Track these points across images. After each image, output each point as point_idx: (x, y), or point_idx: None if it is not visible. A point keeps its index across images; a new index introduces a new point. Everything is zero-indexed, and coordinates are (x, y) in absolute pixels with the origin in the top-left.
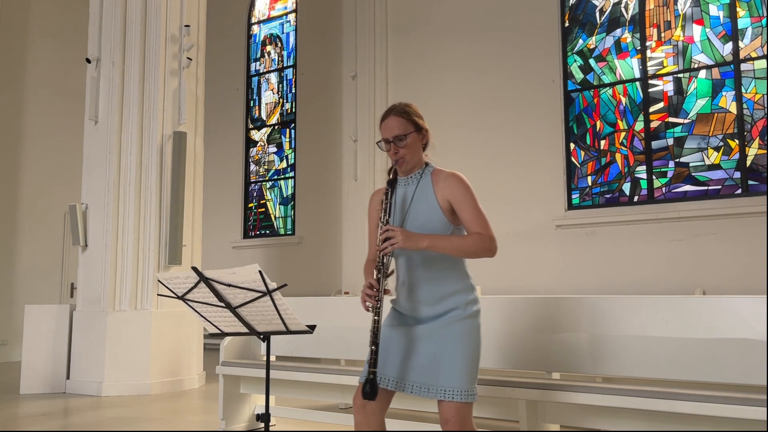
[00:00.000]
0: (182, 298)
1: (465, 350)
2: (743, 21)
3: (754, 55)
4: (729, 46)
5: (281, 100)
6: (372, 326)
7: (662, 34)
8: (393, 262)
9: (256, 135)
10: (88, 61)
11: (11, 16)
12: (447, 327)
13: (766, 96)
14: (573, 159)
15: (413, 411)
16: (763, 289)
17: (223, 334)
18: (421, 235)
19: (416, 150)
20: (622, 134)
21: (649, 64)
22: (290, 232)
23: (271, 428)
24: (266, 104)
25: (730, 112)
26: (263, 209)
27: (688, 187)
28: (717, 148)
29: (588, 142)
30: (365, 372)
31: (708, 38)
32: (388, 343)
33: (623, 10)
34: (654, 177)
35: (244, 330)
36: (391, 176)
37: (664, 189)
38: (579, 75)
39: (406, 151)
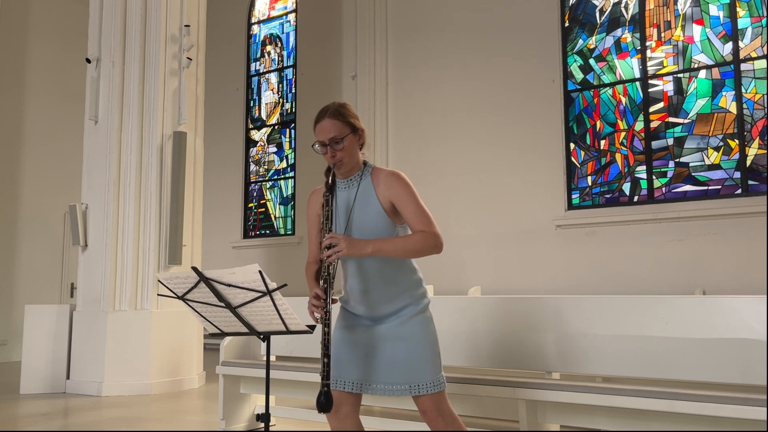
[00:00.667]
0: (182, 298)
1: (425, 344)
2: (743, 21)
3: (754, 55)
4: (729, 46)
5: (281, 100)
6: (322, 338)
7: (662, 34)
8: (338, 267)
9: (256, 135)
10: (88, 61)
11: (11, 16)
12: (403, 325)
13: (766, 96)
14: (573, 159)
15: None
16: (763, 289)
17: (223, 334)
18: (364, 241)
19: (353, 151)
20: (622, 134)
21: (649, 64)
22: (290, 232)
23: (271, 428)
24: (266, 104)
25: (730, 112)
26: (263, 209)
27: (688, 187)
28: (717, 148)
29: (588, 142)
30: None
31: (708, 38)
32: (343, 346)
33: (623, 10)
34: (654, 177)
35: (244, 330)
36: (329, 180)
37: (664, 189)
38: (579, 75)
39: (343, 153)
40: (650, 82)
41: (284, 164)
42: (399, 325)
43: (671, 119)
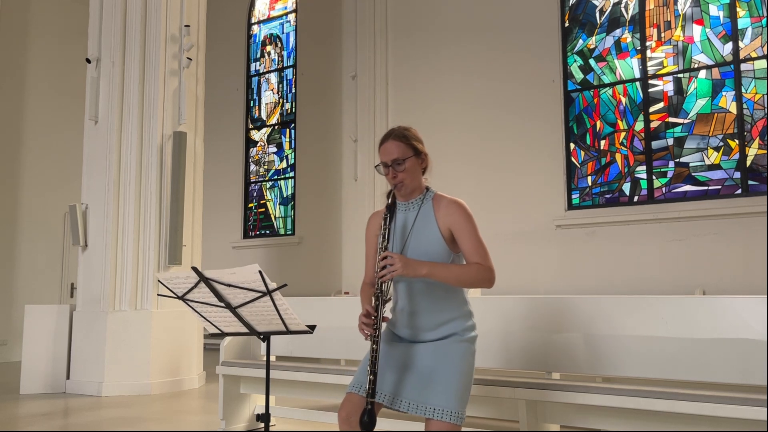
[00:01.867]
0: (182, 298)
1: (458, 372)
2: (743, 21)
3: (754, 55)
4: (729, 46)
5: (281, 100)
6: (370, 355)
7: (662, 34)
8: (391, 287)
9: (256, 135)
10: (88, 61)
11: (11, 16)
12: (443, 347)
13: (766, 96)
14: (573, 159)
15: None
16: (763, 289)
17: (223, 334)
18: (420, 263)
19: (415, 174)
20: (622, 134)
21: (649, 64)
22: (290, 232)
23: (271, 428)
24: (266, 104)
25: (730, 112)
26: (263, 209)
27: (688, 187)
28: (717, 148)
29: (588, 142)
30: (355, 383)
31: (708, 38)
32: (383, 359)
33: (623, 10)
34: (654, 177)
35: (244, 330)
36: (389, 201)
37: (664, 189)
38: (579, 75)
39: (404, 175)
40: (650, 82)
41: (284, 164)
42: (439, 347)
43: (671, 119)
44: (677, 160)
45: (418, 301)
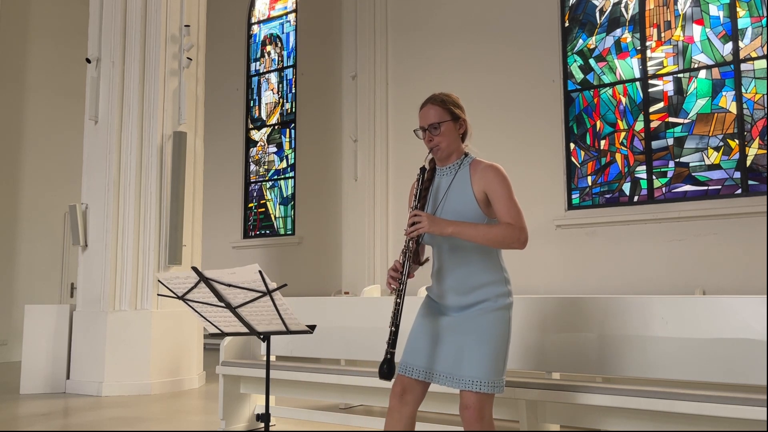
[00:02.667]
0: (182, 298)
1: (490, 341)
2: (743, 21)
3: (754, 55)
4: (729, 46)
5: (281, 100)
6: (393, 308)
7: (662, 34)
8: (429, 251)
9: (256, 135)
10: (88, 61)
11: (11, 16)
12: (475, 318)
13: (766, 96)
14: (573, 159)
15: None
16: (763, 289)
17: (223, 334)
18: (447, 221)
19: (452, 139)
20: (622, 134)
21: (649, 64)
22: (290, 232)
23: (271, 428)
24: (266, 104)
25: (730, 112)
26: (263, 209)
27: (688, 187)
28: (717, 148)
29: (588, 142)
30: (402, 364)
31: (708, 38)
32: (418, 333)
33: (623, 10)
34: (654, 177)
35: (244, 330)
36: (428, 164)
37: (664, 189)
38: (579, 75)
39: (440, 139)
40: (650, 82)
41: (284, 164)
42: (471, 318)
43: (671, 119)
44: (677, 160)
45: (446, 261)
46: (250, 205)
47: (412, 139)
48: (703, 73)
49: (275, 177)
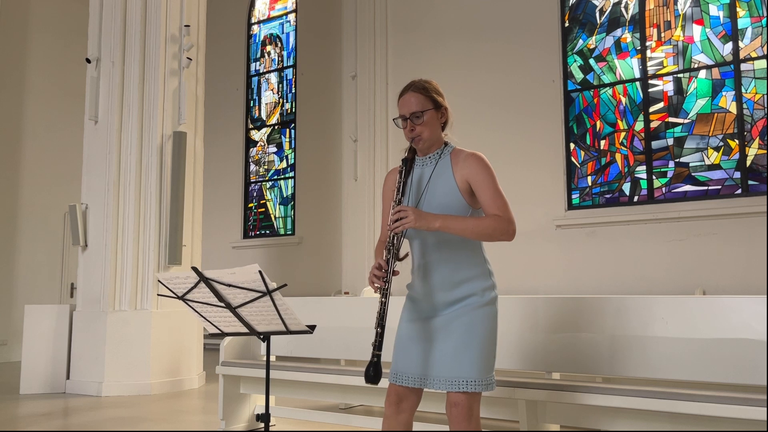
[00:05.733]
0: (182, 298)
1: (480, 340)
2: (743, 21)
3: (754, 55)
4: (729, 46)
5: (281, 100)
6: (379, 308)
7: (662, 34)
8: (408, 246)
9: (256, 135)
10: (88, 61)
11: (11, 16)
12: (463, 317)
13: (766, 96)
14: (573, 159)
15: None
16: (763, 289)
17: (223, 334)
18: (434, 215)
19: (434, 128)
20: (622, 134)
21: (649, 64)
22: (290, 232)
23: (271, 428)
24: (266, 104)
25: (730, 112)
26: (263, 209)
27: (688, 187)
28: (717, 148)
29: (588, 142)
30: (392, 373)
31: (708, 38)
32: (407, 340)
33: (623, 10)
34: (654, 177)
35: (244, 330)
36: (407, 154)
37: (664, 189)
38: (579, 75)
39: (422, 128)
40: (650, 82)
41: (284, 164)
42: (458, 316)
43: (671, 119)
44: (677, 160)
45: (431, 256)
46: (250, 205)
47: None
48: (703, 73)
49: (275, 177)
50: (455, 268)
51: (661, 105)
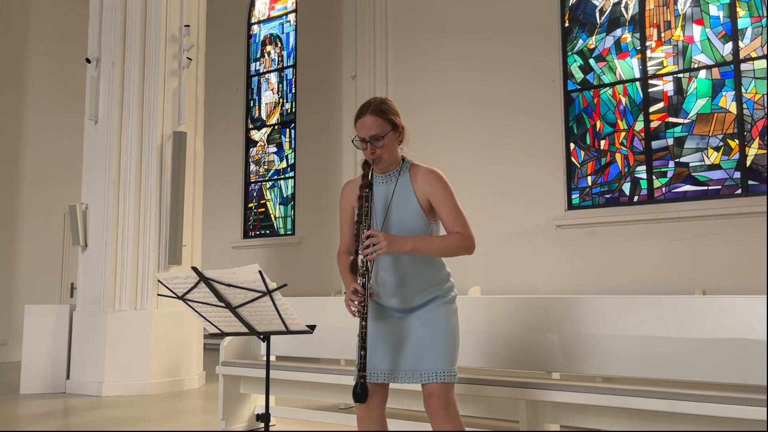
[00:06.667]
0: (182, 298)
1: (446, 334)
2: (743, 21)
3: (754, 55)
4: (729, 46)
5: (281, 100)
6: (360, 331)
7: (662, 34)
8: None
9: (256, 135)
10: (88, 61)
11: (11, 16)
12: (429, 313)
13: (766, 96)
14: (573, 159)
15: (411, 411)
16: (763, 289)
17: (223, 334)
18: (404, 239)
19: (393, 149)
20: (622, 134)
21: (649, 64)
22: (290, 232)
23: (271, 428)
24: (266, 104)
25: (730, 112)
26: (263, 209)
27: (688, 187)
28: (717, 148)
29: (588, 142)
30: (356, 375)
31: (708, 38)
32: (375, 337)
33: (623, 10)
34: (654, 177)
35: (244, 330)
36: (369, 176)
37: (664, 189)
38: (579, 75)
39: (383, 150)
40: (650, 82)
41: (284, 164)
42: (425, 313)
43: (671, 119)
44: (677, 160)
45: (404, 272)
46: (250, 205)
47: (412, 139)
48: (703, 73)
49: (275, 177)
50: (421, 279)
51: (661, 105)
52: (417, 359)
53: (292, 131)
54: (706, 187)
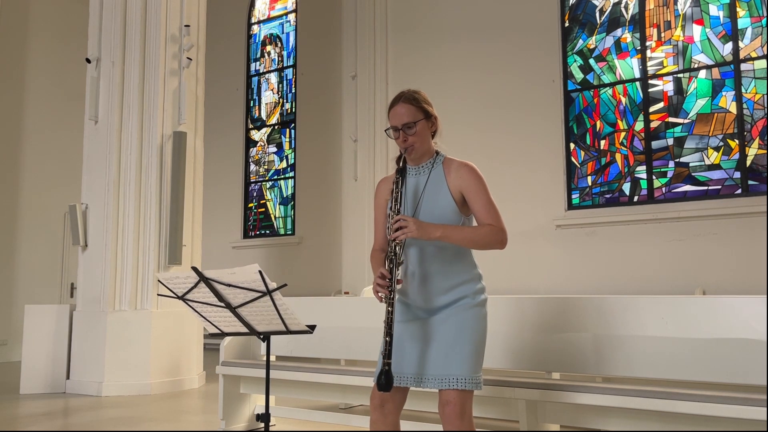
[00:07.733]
0: (182, 298)
1: (472, 338)
2: (743, 21)
3: (754, 55)
4: (729, 46)
5: (281, 100)
6: (386, 317)
7: (662, 34)
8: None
9: (256, 135)
10: (88, 61)
11: (11, 16)
12: (456, 315)
13: (766, 96)
14: (573, 159)
15: (414, 411)
16: (763, 289)
17: (223, 334)
18: (433, 225)
19: (425, 138)
20: (622, 134)
21: (649, 64)
22: (290, 232)
23: (271, 428)
24: (266, 104)
25: (730, 112)
26: (263, 209)
27: (688, 187)
28: (717, 148)
29: (588, 142)
30: (380, 364)
31: (708, 38)
32: (402, 340)
33: (623, 10)
34: (654, 177)
35: (244, 330)
36: (400, 165)
37: (664, 189)
38: (579, 75)
39: (415, 138)
40: (650, 82)
41: (284, 164)
42: (452, 315)
43: (671, 119)
44: (677, 160)
45: (429, 264)
46: (250, 205)
47: None
48: (703, 73)
49: (275, 177)
50: (449, 274)
51: (661, 105)
52: (440, 364)
53: (292, 131)
54: (706, 187)
